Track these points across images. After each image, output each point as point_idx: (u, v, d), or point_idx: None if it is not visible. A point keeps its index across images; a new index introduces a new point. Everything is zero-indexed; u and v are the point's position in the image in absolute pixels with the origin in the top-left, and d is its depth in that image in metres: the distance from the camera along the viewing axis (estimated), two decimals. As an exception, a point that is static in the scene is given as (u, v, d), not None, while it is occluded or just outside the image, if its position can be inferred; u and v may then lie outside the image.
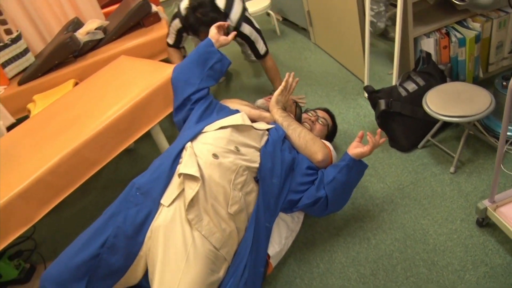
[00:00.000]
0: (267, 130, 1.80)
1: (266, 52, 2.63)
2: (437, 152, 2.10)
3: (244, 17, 2.52)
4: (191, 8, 2.41)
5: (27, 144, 2.19)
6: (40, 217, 1.96)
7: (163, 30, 2.83)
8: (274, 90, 2.57)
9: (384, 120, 2.17)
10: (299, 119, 2.10)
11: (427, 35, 2.23)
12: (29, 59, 2.99)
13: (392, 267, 1.68)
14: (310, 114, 2.16)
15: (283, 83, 1.94)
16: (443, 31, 2.23)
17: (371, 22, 2.87)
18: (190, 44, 3.25)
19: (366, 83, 2.56)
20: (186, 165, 1.52)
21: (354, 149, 1.71)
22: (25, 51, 2.96)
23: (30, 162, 2.03)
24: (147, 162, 2.56)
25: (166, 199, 1.50)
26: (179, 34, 2.67)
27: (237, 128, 1.70)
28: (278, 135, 1.78)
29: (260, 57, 2.63)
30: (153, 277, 1.42)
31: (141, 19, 2.91)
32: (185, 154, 1.59)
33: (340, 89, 2.73)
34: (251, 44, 2.59)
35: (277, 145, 1.73)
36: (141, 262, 1.47)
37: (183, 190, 1.49)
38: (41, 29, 3.30)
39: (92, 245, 1.43)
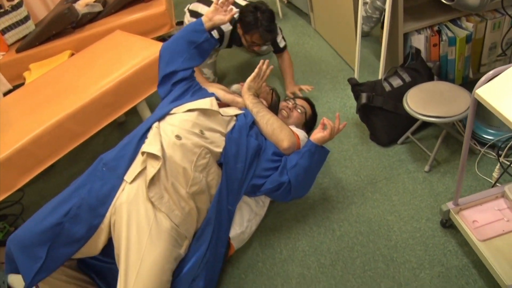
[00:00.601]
0: (235, 116, 1.82)
1: (285, 46, 2.67)
2: (416, 149, 2.11)
3: None
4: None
5: (15, 113, 2.25)
6: (21, 185, 2.02)
7: (161, 7, 2.84)
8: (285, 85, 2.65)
9: (366, 113, 2.18)
10: (276, 107, 2.11)
11: (418, 31, 2.21)
12: (29, 26, 3.03)
13: (351, 260, 1.72)
14: (289, 102, 2.18)
15: (256, 70, 1.96)
16: (435, 28, 2.20)
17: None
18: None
19: (356, 75, 2.56)
20: (149, 144, 1.58)
21: (315, 135, 1.75)
22: (26, 18, 3.00)
23: (15, 130, 2.10)
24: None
25: (129, 175, 1.56)
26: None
27: (204, 112, 1.73)
28: (246, 121, 1.81)
29: (279, 50, 2.67)
30: (119, 253, 1.49)
31: (141, -7, 2.93)
32: (150, 134, 1.64)
33: (331, 77, 2.73)
34: (274, 41, 2.61)
35: (243, 131, 1.76)
36: (102, 235, 1.53)
37: (145, 168, 1.55)
38: (44, -4, 3.33)
39: (56, 213, 1.49)
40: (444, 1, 1.85)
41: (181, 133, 1.63)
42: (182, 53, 1.94)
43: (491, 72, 1.38)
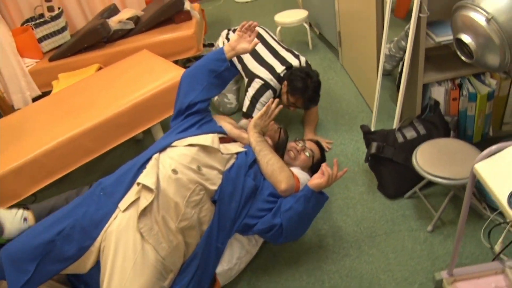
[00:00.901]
0: (236, 153, 1.82)
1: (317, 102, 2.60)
2: (422, 206, 2.04)
3: None
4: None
5: (35, 122, 2.34)
6: (29, 194, 2.10)
7: (189, 30, 2.90)
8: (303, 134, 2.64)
9: (375, 163, 2.14)
10: (283, 146, 2.10)
11: (439, 82, 2.15)
12: (65, 36, 3.16)
13: (336, 316, 1.67)
14: (298, 143, 2.16)
15: (264, 108, 1.95)
16: (457, 82, 2.14)
17: None
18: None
19: (373, 118, 2.51)
20: (146, 176, 1.61)
21: (313, 180, 1.72)
22: (63, 29, 3.14)
23: (31, 140, 2.18)
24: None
25: (123, 203, 1.59)
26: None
27: (204, 148, 1.73)
28: (246, 160, 1.80)
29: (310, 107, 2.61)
30: (103, 279, 1.51)
31: (173, 15, 2.99)
32: (149, 165, 1.66)
33: (350, 118, 2.70)
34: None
35: (242, 170, 1.76)
36: (91, 256, 1.56)
37: (139, 198, 1.58)
38: (84, 7, 3.46)
39: (51, 231, 1.54)
40: (463, 59, 1.79)
41: (178, 167, 1.64)
42: (202, 81, 1.94)
43: (494, 147, 1.33)
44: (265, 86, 2.50)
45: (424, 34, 1.98)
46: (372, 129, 2.54)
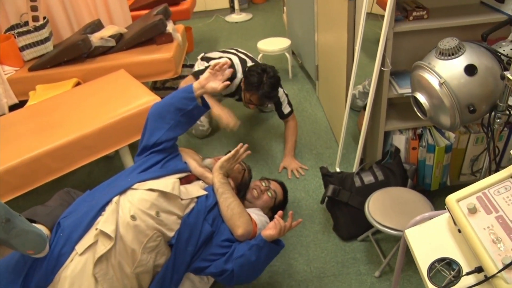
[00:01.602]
0: (197, 197, 1.84)
1: (290, 112, 2.75)
2: (373, 250, 2.09)
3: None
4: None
5: (3, 136, 2.36)
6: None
7: (168, 53, 2.94)
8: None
9: (331, 204, 2.19)
10: (246, 185, 2.14)
11: (401, 131, 2.22)
12: (47, 47, 3.19)
13: None
14: (263, 183, 2.20)
15: (232, 152, 1.97)
16: (418, 131, 2.21)
17: (353, 97, 2.89)
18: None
19: (338, 158, 2.57)
20: (106, 222, 1.60)
21: (265, 231, 1.74)
22: (46, 39, 3.16)
23: (-4, 155, 2.19)
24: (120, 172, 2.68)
25: (80, 246, 1.59)
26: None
27: (164, 194, 1.74)
28: (205, 204, 1.81)
29: (283, 117, 2.76)
30: None
31: (154, 36, 3.04)
32: (109, 209, 1.66)
33: (317, 154, 2.75)
34: (278, 106, 2.72)
35: (200, 215, 1.78)
36: None
37: (96, 241, 1.59)
38: (71, 17, 3.49)
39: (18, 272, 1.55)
40: (419, 115, 1.86)
41: (137, 213, 1.65)
42: (169, 120, 1.93)
43: (426, 214, 1.39)
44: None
45: (387, 85, 2.05)
46: (337, 167, 2.60)
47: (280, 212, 1.78)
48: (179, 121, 1.94)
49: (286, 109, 2.73)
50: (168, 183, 1.77)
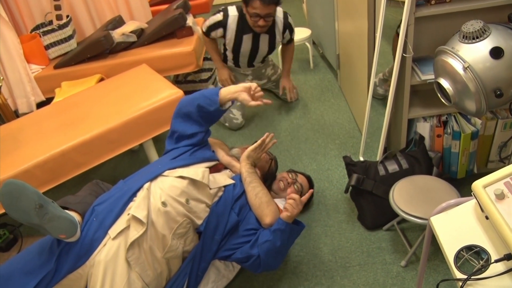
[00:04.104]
0: (224, 186, 1.87)
1: (292, 39, 3.03)
2: (399, 239, 2.07)
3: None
4: None
5: (32, 133, 2.42)
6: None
7: (190, 46, 2.96)
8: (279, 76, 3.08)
9: (355, 194, 2.17)
10: (272, 175, 2.14)
11: (425, 118, 2.18)
12: (71, 44, 3.25)
13: None
14: (290, 175, 2.20)
15: (259, 141, 1.99)
16: (443, 118, 2.16)
17: (374, 84, 2.85)
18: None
19: (362, 146, 2.54)
20: (138, 207, 1.64)
21: (283, 213, 1.78)
22: (69, 37, 3.22)
23: (25, 151, 2.26)
24: (145, 165, 2.76)
25: (113, 230, 1.63)
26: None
27: (194, 182, 1.77)
28: (232, 194, 1.84)
29: (290, 41, 3.03)
30: None
31: (175, 30, 3.06)
32: (140, 195, 1.70)
33: (340, 143, 2.73)
34: (291, 30, 2.94)
35: (228, 205, 1.81)
36: (81, 282, 1.62)
37: (128, 226, 1.63)
38: (93, 15, 3.55)
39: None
40: (443, 101, 1.82)
41: (168, 200, 1.69)
42: (191, 116, 1.93)
43: (452, 201, 1.36)
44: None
45: (409, 71, 2.01)
46: (360, 156, 2.58)
47: (292, 195, 1.81)
48: (200, 118, 1.94)
49: (294, 35, 3.00)
50: (198, 171, 1.80)
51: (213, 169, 1.94)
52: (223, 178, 1.91)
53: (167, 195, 1.70)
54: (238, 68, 3.11)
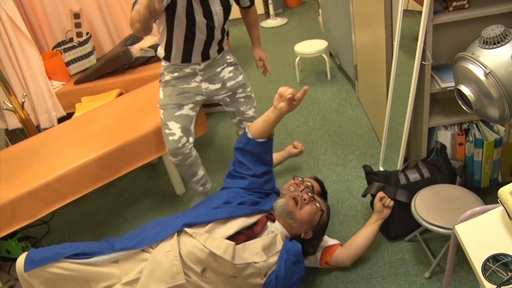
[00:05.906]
0: (255, 262, 1.69)
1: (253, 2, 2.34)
2: (422, 250, 2.02)
3: None
4: None
5: (53, 147, 2.46)
6: (41, 216, 2.21)
7: (207, 60, 2.98)
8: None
9: (376, 204, 2.14)
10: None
11: (446, 126, 2.14)
12: (91, 61, 3.32)
13: None
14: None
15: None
16: (464, 126, 2.13)
17: None
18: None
19: (381, 157, 2.51)
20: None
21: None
22: (89, 53, 3.29)
23: (47, 165, 2.30)
24: (164, 178, 2.76)
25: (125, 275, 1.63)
26: None
27: (214, 255, 1.60)
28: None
29: (250, 5, 2.33)
30: None
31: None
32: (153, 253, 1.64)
33: (360, 154, 2.70)
34: None
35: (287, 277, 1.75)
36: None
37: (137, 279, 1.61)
38: (112, 31, 3.62)
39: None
40: (464, 108, 1.79)
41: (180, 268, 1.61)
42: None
43: (477, 209, 1.33)
44: None
45: (429, 79, 1.98)
46: (380, 166, 2.54)
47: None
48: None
49: None
50: (221, 245, 1.62)
51: (250, 232, 1.75)
52: (253, 253, 1.69)
53: (180, 261, 1.60)
54: (186, 64, 2.16)
